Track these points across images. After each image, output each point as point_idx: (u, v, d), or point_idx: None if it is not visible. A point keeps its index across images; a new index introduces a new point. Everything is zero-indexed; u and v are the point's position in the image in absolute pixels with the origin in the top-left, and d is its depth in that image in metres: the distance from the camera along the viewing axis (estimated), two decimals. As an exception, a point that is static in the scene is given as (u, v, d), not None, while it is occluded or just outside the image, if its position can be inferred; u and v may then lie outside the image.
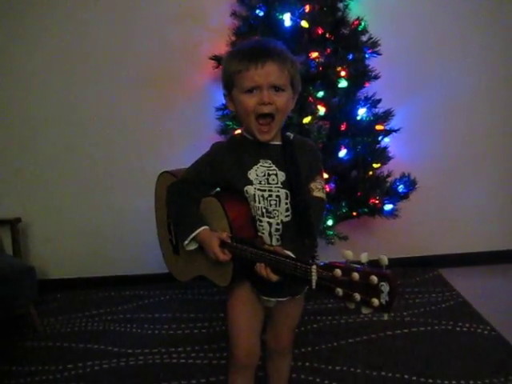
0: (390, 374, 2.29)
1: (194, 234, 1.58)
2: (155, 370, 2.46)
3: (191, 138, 3.14)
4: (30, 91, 3.22)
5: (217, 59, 2.84)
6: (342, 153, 2.69)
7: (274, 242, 1.56)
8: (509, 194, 3.45)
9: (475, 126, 3.33)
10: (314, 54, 2.58)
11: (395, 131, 2.87)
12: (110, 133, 3.25)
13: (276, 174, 1.55)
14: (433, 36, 3.19)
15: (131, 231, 3.34)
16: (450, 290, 3.12)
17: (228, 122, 2.83)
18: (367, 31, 2.84)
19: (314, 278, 1.26)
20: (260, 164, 1.55)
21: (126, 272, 3.45)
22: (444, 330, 2.67)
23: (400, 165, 3.00)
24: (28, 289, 2.83)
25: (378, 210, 2.78)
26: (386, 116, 2.80)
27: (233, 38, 2.80)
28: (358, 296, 1.16)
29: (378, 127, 2.79)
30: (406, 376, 2.27)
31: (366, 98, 2.75)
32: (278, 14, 2.61)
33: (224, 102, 2.79)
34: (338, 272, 1.20)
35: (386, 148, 2.84)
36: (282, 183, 1.55)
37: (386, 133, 2.84)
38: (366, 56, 2.78)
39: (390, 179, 2.86)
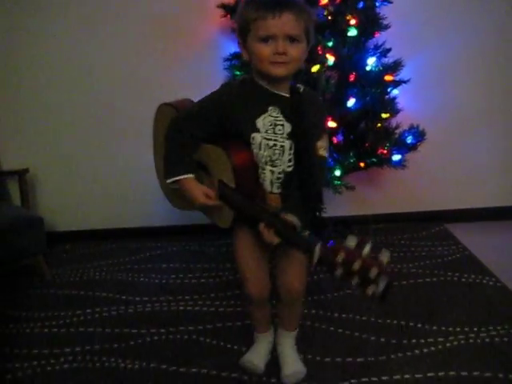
0: (395, 321, 2.31)
1: (176, 178, 1.66)
2: (162, 316, 2.50)
3: (199, 88, 3.04)
4: (36, 44, 3.18)
5: (224, 7, 2.79)
6: (351, 102, 2.65)
7: (275, 190, 1.63)
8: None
9: (488, 78, 3.27)
10: (324, 1, 2.53)
11: (405, 82, 2.82)
12: (117, 84, 3.22)
13: (283, 125, 1.58)
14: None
15: (139, 184, 3.35)
16: (456, 243, 3.12)
17: (236, 72, 2.79)
18: (378, -22, 2.77)
19: (317, 256, 1.35)
20: (268, 113, 1.58)
21: (133, 224, 3.47)
22: (449, 281, 2.67)
23: (409, 117, 2.96)
24: (37, 239, 2.86)
25: (386, 161, 2.76)
26: (396, 66, 2.75)
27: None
28: (355, 281, 1.25)
29: (388, 78, 2.74)
30: (411, 323, 2.29)
31: (376, 47, 2.70)
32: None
33: (231, 51, 2.86)
34: (340, 258, 1.27)
35: (394, 99, 2.80)
36: (287, 134, 1.58)
37: (396, 84, 2.80)
38: (377, 4, 2.72)
39: (398, 130, 2.83)
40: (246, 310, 1.94)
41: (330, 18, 2.64)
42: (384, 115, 2.69)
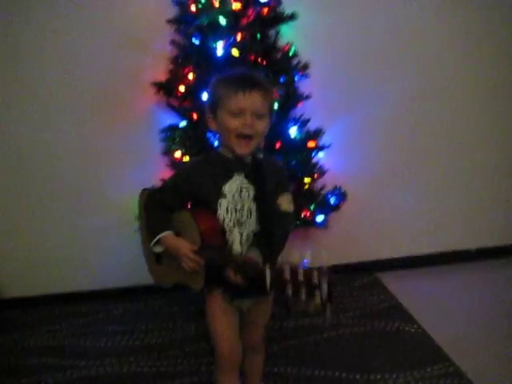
0: (322, 373, 2.50)
1: (158, 237, 1.81)
2: (108, 380, 2.62)
3: (137, 159, 3.31)
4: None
5: (158, 85, 3.02)
6: (276, 169, 2.89)
7: (245, 250, 1.76)
8: (435, 200, 3.72)
9: (398, 140, 3.58)
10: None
11: (326, 147, 3.08)
12: (59, 157, 3.32)
13: (248, 189, 1.75)
14: (359, 59, 3.41)
15: (83, 249, 3.47)
16: (384, 292, 3.35)
17: (170, 143, 2.99)
18: (297, 55, 3.05)
19: (268, 279, 1.42)
20: (233, 179, 1.75)
21: (79, 288, 3.57)
22: (376, 330, 2.89)
23: (334, 178, 3.23)
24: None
25: (309, 222, 2.99)
26: (317, 134, 3.01)
27: (171, 66, 2.99)
28: (303, 292, 1.33)
29: (310, 144, 3.00)
30: (336, 373, 2.48)
31: (295, 119, 2.95)
32: (211, 43, 2.80)
33: (167, 124, 3.06)
34: (286, 273, 1.36)
35: (317, 163, 3.04)
36: (253, 197, 1.75)
37: (318, 149, 3.05)
38: (296, 79, 2.99)
39: (322, 192, 3.07)
40: (217, 381, 1.96)
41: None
42: (307, 179, 2.92)
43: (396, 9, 3.39)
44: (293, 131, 2.94)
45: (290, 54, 3.02)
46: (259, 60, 2.89)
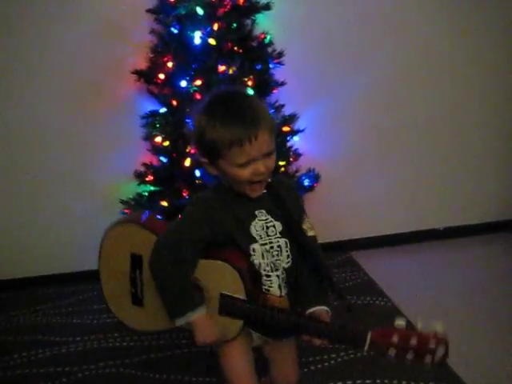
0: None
1: (190, 319, 1.50)
2: (94, 353, 2.76)
3: (119, 144, 3.44)
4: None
5: (138, 73, 3.13)
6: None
7: (284, 293, 1.56)
8: (406, 180, 3.90)
9: (371, 123, 3.74)
10: (222, 68, 2.91)
11: (300, 131, 3.23)
12: (44, 142, 3.45)
13: (274, 226, 1.53)
14: (333, 47, 3.55)
15: (69, 232, 3.61)
16: (358, 270, 3.53)
17: (151, 129, 3.11)
18: (273, 43, 3.18)
19: (367, 344, 1.37)
20: (258, 218, 1.51)
21: (66, 269, 3.70)
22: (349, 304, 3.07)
23: (309, 160, 3.38)
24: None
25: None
26: (291, 118, 3.16)
27: (151, 55, 3.10)
28: (410, 356, 1.31)
29: (285, 129, 3.14)
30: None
31: (270, 105, 3.09)
32: (189, 32, 2.92)
33: (147, 110, 3.18)
34: (395, 339, 1.33)
35: (291, 147, 3.19)
36: (279, 233, 1.53)
37: (293, 133, 3.20)
38: (271, 66, 3.12)
39: (297, 174, 3.23)
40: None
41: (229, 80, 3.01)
42: (281, 163, 3.06)
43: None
44: (268, 117, 3.07)
45: (266, 42, 3.15)
46: (235, 48, 3.02)
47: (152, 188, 3.11)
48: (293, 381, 1.81)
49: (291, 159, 3.18)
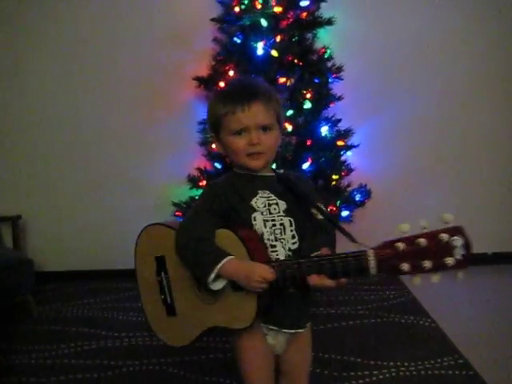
0: (338, 357, 2.67)
1: (222, 262, 1.44)
2: (138, 350, 2.82)
3: (175, 148, 3.54)
4: (30, 94, 3.64)
5: (199, 79, 3.21)
6: (306, 165, 3.06)
7: None
8: (457, 203, 3.85)
9: (424, 142, 3.74)
10: (282, 80, 2.95)
11: (355, 147, 3.25)
12: (103, 141, 3.61)
13: (277, 203, 1.54)
14: (391, 63, 3.59)
15: (120, 229, 3.70)
16: (402, 288, 3.51)
17: (207, 135, 3.19)
18: (332, 58, 3.22)
19: (372, 262, 1.27)
20: (259, 195, 1.54)
21: (114, 266, 3.80)
22: (391, 322, 3.04)
23: (361, 176, 3.39)
24: (26, 279, 3.19)
25: (335, 217, 3.15)
26: (347, 133, 3.19)
27: (212, 63, 3.17)
28: (428, 263, 1.17)
29: (339, 143, 3.17)
30: (351, 358, 2.65)
31: (327, 119, 3.12)
32: (252, 43, 2.99)
33: (205, 116, 3.24)
34: (400, 245, 1.20)
35: (344, 162, 3.21)
36: (284, 211, 1.54)
37: (347, 148, 3.22)
38: (330, 80, 3.16)
39: (349, 189, 3.24)
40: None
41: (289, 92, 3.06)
42: (334, 176, 3.09)
43: (428, 18, 3.58)
44: (324, 130, 3.11)
45: (326, 57, 3.20)
46: (296, 61, 3.07)
47: (204, 193, 3.16)
48: (305, 370, 1.71)
49: (343, 173, 3.20)
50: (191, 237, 1.51)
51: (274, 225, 1.51)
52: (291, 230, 1.53)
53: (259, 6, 3.01)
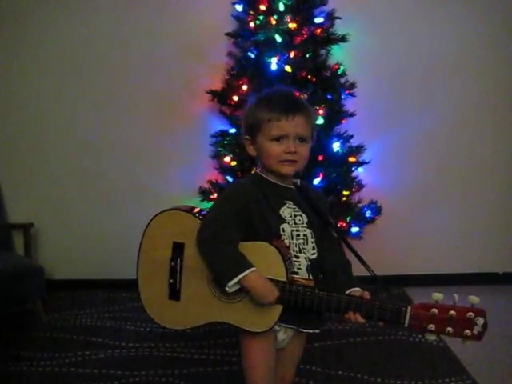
0: (345, 373, 2.66)
1: (245, 273, 1.48)
2: (145, 361, 2.82)
3: (187, 160, 3.56)
4: (48, 102, 3.68)
5: (212, 93, 3.24)
6: (317, 180, 3.07)
7: (311, 277, 1.60)
8: (468, 221, 3.85)
9: (435, 160, 3.76)
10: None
11: (366, 163, 3.26)
12: (116, 152, 3.65)
13: (301, 215, 1.62)
14: (403, 81, 3.61)
15: (131, 240, 3.70)
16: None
17: (220, 148, 3.21)
18: (345, 74, 3.24)
19: (408, 318, 1.45)
20: (286, 205, 1.61)
21: (124, 276, 3.81)
22: (399, 340, 3.03)
23: (372, 192, 3.40)
24: (36, 286, 3.22)
25: (344, 232, 3.15)
26: (358, 150, 3.20)
27: (226, 77, 3.21)
28: (451, 330, 1.41)
29: (351, 159, 3.18)
30: (358, 375, 2.64)
31: (339, 135, 3.14)
32: (266, 58, 3.01)
33: (217, 129, 3.28)
34: (435, 311, 1.42)
35: (355, 178, 3.22)
36: (306, 223, 1.62)
37: (358, 164, 3.23)
38: (343, 97, 3.18)
39: (359, 205, 3.25)
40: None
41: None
42: (345, 192, 3.09)
43: (440, 36, 3.61)
44: (336, 146, 3.12)
45: (339, 73, 3.22)
46: (309, 77, 3.09)
47: (215, 205, 3.18)
48: (290, 381, 1.81)
49: (354, 189, 3.21)
50: (217, 237, 1.52)
51: (298, 235, 1.60)
52: (312, 242, 1.62)
53: (274, 22, 3.05)
